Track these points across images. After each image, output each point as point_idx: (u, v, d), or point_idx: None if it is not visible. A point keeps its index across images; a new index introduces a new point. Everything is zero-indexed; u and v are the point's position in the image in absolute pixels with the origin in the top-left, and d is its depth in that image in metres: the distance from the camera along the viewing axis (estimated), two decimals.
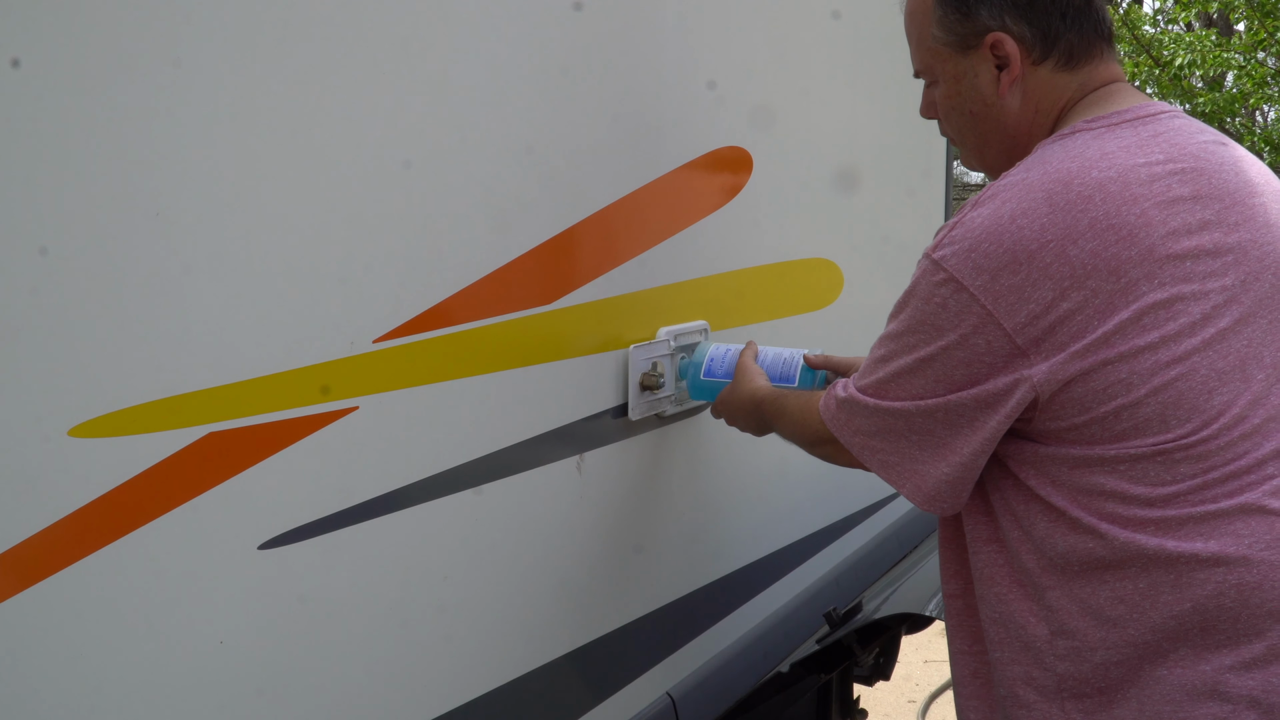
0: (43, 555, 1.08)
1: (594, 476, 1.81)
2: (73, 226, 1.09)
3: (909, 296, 1.43)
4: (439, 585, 1.54)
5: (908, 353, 1.42)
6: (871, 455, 1.49)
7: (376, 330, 1.40)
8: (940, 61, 1.53)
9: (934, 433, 1.42)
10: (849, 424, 1.50)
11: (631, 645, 1.93)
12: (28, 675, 1.10)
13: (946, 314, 1.37)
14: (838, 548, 2.68)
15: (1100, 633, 1.37)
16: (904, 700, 4.51)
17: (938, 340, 1.39)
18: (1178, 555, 1.33)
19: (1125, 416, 1.34)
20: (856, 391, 1.49)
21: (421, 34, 1.44)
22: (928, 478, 1.44)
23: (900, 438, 1.45)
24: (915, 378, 1.42)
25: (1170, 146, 1.41)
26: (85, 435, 1.10)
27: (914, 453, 1.45)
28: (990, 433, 1.39)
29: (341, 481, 1.37)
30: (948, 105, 1.55)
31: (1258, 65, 11.89)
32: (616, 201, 1.80)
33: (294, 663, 1.35)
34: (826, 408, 1.54)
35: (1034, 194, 1.35)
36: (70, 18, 1.06)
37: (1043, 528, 1.40)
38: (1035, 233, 1.33)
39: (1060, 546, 1.39)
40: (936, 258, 1.38)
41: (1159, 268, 1.33)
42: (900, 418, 1.44)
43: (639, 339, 1.88)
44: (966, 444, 1.41)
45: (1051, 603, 1.40)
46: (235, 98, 1.22)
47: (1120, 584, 1.36)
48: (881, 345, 1.48)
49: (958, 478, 1.43)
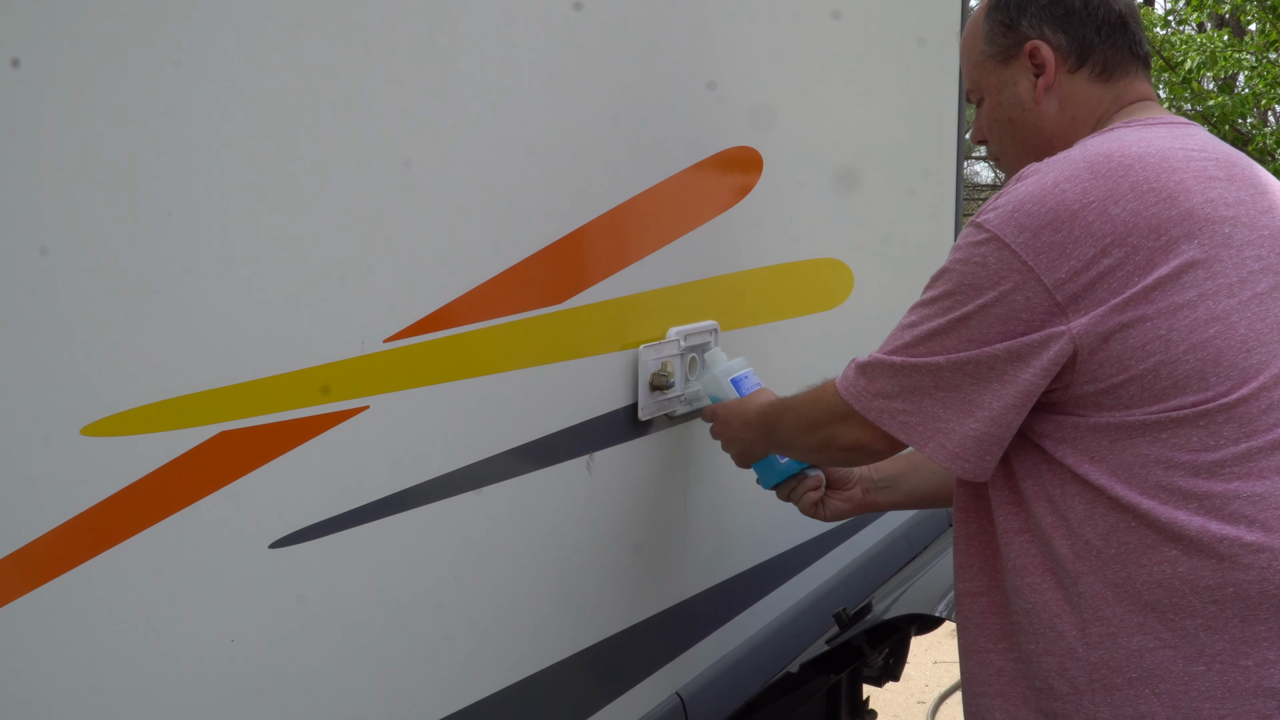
0: (55, 553, 1.09)
1: (604, 476, 1.81)
2: (83, 226, 1.09)
3: (948, 263, 1.45)
4: (448, 585, 1.54)
5: (942, 315, 1.43)
6: (891, 418, 1.47)
7: (387, 330, 1.40)
8: (986, 74, 1.63)
9: (961, 388, 1.42)
10: (868, 389, 1.49)
11: (640, 645, 1.93)
12: (40, 672, 1.10)
13: (986, 272, 1.39)
14: (847, 548, 2.68)
15: (1135, 618, 1.36)
16: (913, 701, 4.50)
17: (975, 299, 1.40)
18: (1221, 538, 1.33)
19: (1164, 374, 1.34)
20: (882, 355, 1.49)
21: (446, 30, 1.44)
22: (952, 435, 1.43)
23: (924, 395, 1.44)
24: (946, 337, 1.42)
25: (1204, 142, 1.48)
26: (97, 434, 1.11)
27: (938, 410, 1.43)
28: (1023, 389, 1.39)
29: (352, 481, 1.38)
30: (990, 117, 1.64)
31: (1269, 65, 11.84)
32: (627, 201, 1.80)
33: (304, 662, 1.35)
34: (844, 378, 1.54)
35: (1076, 165, 1.40)
36: (70, 18, 1.06)
37: (1080, 510, 1.39)
38: (1078, 194, 1.37)
39: (1100, 528, 1.38)
40: (980, 221, 1.41)
41: (1199, 228, 1.37)
42: (927, 373, 1.43)
43: (649, 339, 1.88)
44: (996, 399, 1.40)
45: (1084, 589, 1.39)
46: (240, 98, 1.22)
47: (1160, 567, 1.35)
48: (911, 313, 1.48)
49: (985, 434, 1.42)
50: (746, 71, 2.15)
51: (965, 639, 1.58)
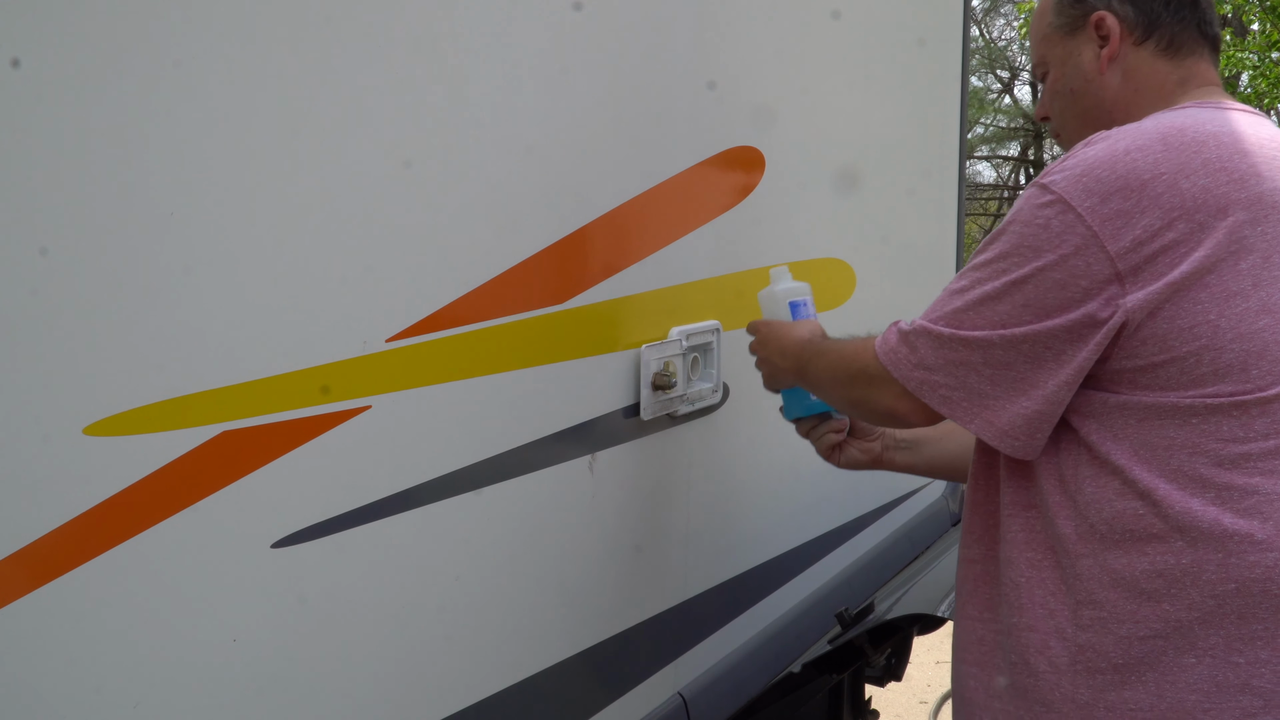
0: (58, 552, 1.09)
1: (606, 476, 1.81)
2: (85, 227, 1.09)
3: (1007, 224, 1.40)
4: (450, 584, 1.54)
5: (996, 278, 1.38)
6: (932, 391, 1.43)
7: (389, 330, 1.40)
8: (1051, 47, 1.61)
9: (1012, 366, 1.38)
10: (909, 358, 1.45)
11: (643, 645, 1.93)
12: (42, 671, 1.10)
13: (1048, 234, 1.35)
14: (850, 548, 2.68)
15: (1130, 606, 1.35)
16: (915, 701, 4.50)
17: (1034, 261, 1.36)
18: (1232, 532, 1.31)
19: (1207, 360, 1.33)
20: (927, 323, 1.44)
21: (447, 31, 1.44)
22: (1002, 413, 1.40)
23: (970, 371, 1.40)
24: (1000, 303, 1.38)
25: (1276, 132, 1.46)
26: (100, 434, 1.11)
27: (984, 387, 1.40)
28: (1077, 367, 1.36)
29: (354, 480, 1.38)
30: (1053, 89, 1.61)
31: (1272, 65, 11.84)
32: (629, 201, 1.80)
33: (306, 661, 1.35)
34: (884, 343, 1.48)
35: (1148, 135, 1.38)
36: (70, 18, 1.06)
37: (1089, 492, 1.38)
38: (1149, 165, 1.34)
39: (1106, 512, 1.36)
40: (1046, 182, 1.37)
41: (1265, 215, 1.35)
42: (977, 349, 1.39)
43: (651, 339, 1.88)
44: (1051, 377, 1.37)
45: (1081, 571, 1.38)
46: (240, 98, 1.22)
47: (1163, 557, 1.34)
48: (962, 277, 1.43)
49: (1039, 412, 1.39)
50: (748, 72, 2.15)
51: (958, 604, 1.58)
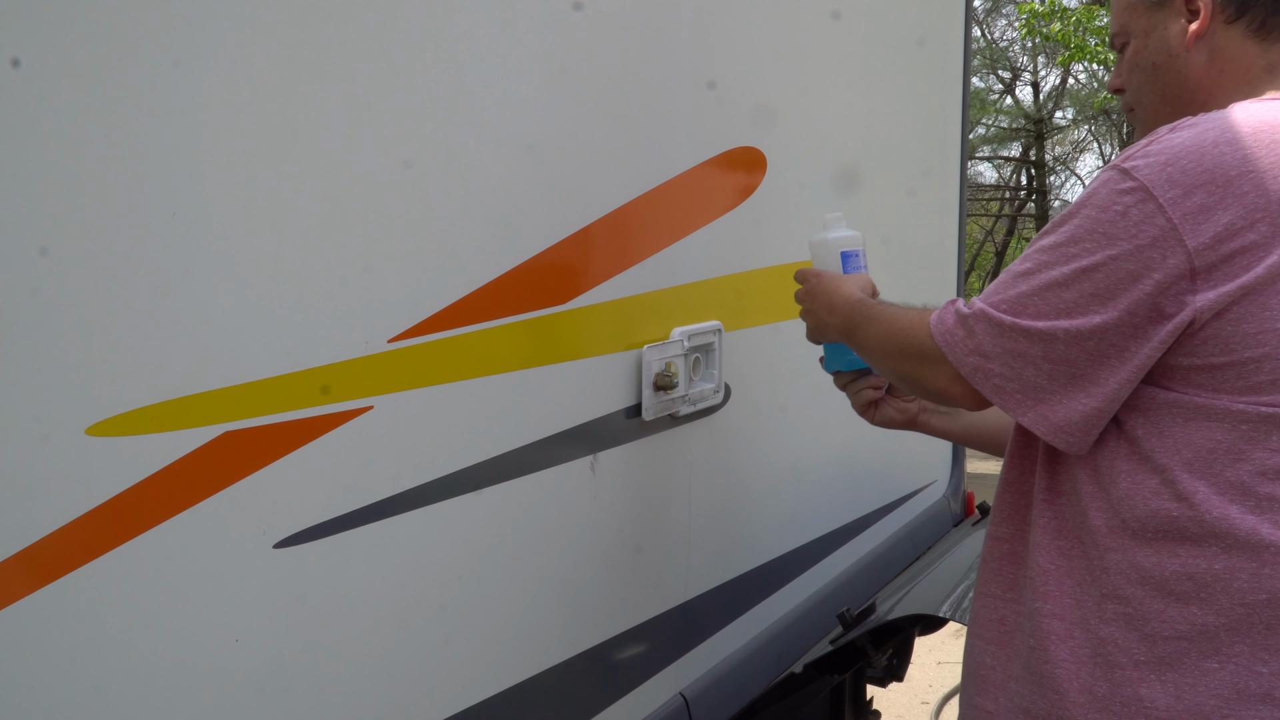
0: (60, 553, 1.09)
1: (607, 476, 1.81)
2: (87, 227, 1.09)
3: (1079, 206, 1.35)
4: (452, 584, 1.54)
5: (1065, 263, 1.33)
6: (986, 379, 1.39)
7: (391, 330, 1.40)
8: (1135, 16, 1.53)
9: (1073, 363, 1.34)
10: (966, 342, 1.40)
11: (644, 645, 1.93)
12: (44, 671, 1.10)
13: (1125, 222, 1.30)
14: (852, 548, 2.68)
15: (1157, 605, 1.33)
16: (917, 701, 4.50)
17: (1107, 249, 1.31)
18: (1269, 543, 1.29)
19: (1268, 368, 1.29)
20: (988, 307, 1.38)
21: (449, 31, 1.45)
22: (1057, 409, 1.36)
23: (1028, 363, 1.36)
24: (1067, 291, 1.33)
25: None
26: (102, 434, 1.11)
27: (1041, 381, 1.36)
28: (1140, 364, 1.32)
29: (356, 481, 1.38)
30: (1133, 62, 1.54)
31: None
32: (630, 202, 1.80)
33: (308, 661, 1.35)
34: (941, 323, 1.43)
35: (1239, 128, 1.33)
36: (70, 18, 1.06)
37: (1124, 487, 1.35)
38: (1237, 160, 1.30)
39: (1140, 509, 1.34)
40: (1127, 167, 1.32)
41: None
42: (1037, 341, 1.35)
43: (653, 339, 1.88)
44: (1112, 376, 1.33)
45: (1109, 565, 1.36)
46: (241, 98, 1.22)
47: (1195, 561, 1.31)
48: (1028, 259, 1.37)
49: (1097, 409, 1.35)
50: (751, 72, 2.15)
51: (980, 580, 1.55)
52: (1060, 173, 19.07)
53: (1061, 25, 10.48)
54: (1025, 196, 18.23)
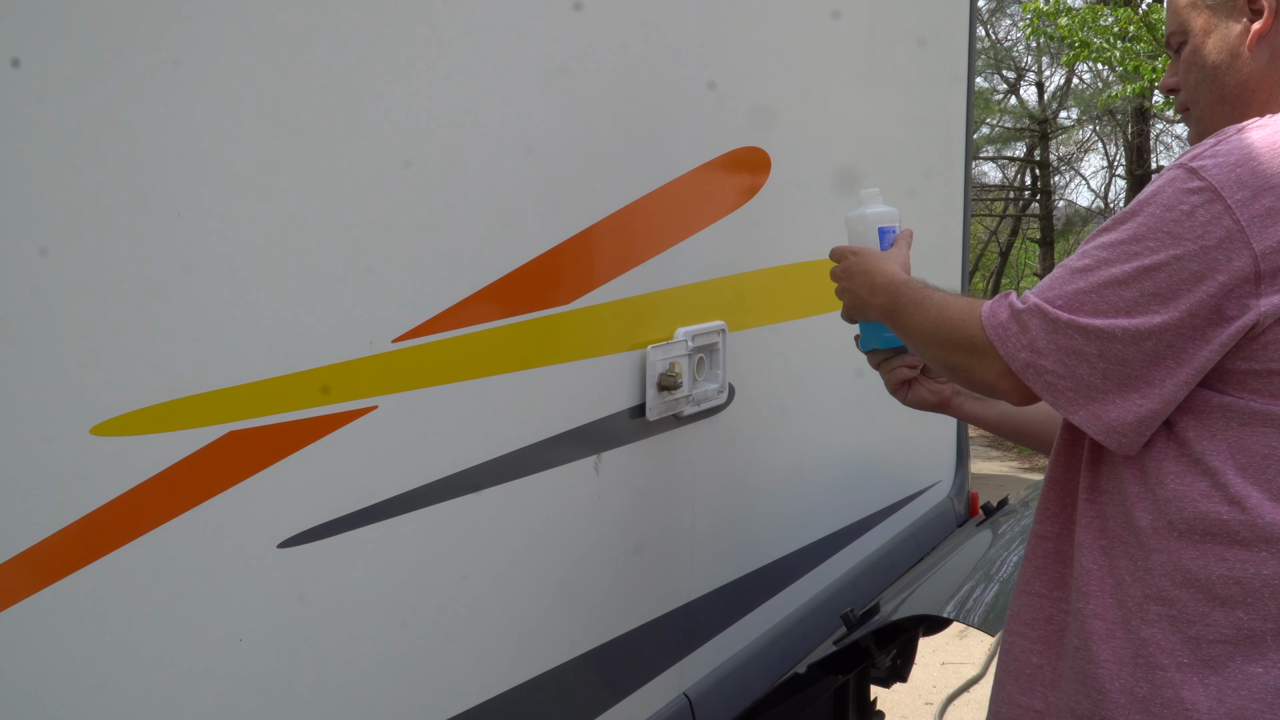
0: (65, 552, 1.09)
1: (611, 476, 1.81)
2: (90, 227, 1.09)
3: (1142, 204, 1.32)
4: (456, 584, 1.54)
5: (1125, 260, 1.30)
6: (1037, 375, 1.35)
7: (395, 330, 1.40)
8: (1194, 15, 1.49)
9: (1129, 363, 1.31)
10: (1019, 337, 1.36)
11: (648, 645, 1.93)
12: (49, 671, 1.10)
13: (1191, 222, 1.27)
14: (856, 549, 2.68)
15: (1202, 608, 1.32)
16: (921, 702, 4.49)
17: (1171, 249, 1.28)
18: None
19: None
20: (1043, 302, 1.35)
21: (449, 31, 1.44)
22: (1111, 408, 1.33)
23: (1083, 362, 1.32)
24: (1126, 289, 1.30)
25: None
26: (107, 434, 1.11)
27: (1095, 380, 1.33)
28: (1198, 366, 1.30)
29: (360, 480, 1.38)
30: (1190, 61, 1.50)
31: None
32: (635, 202, 1.80)
33: (311, 661, 1.35)
34: (993, 316, 1.39)
35: None
36: (70, 18, 1.06)
37: (1173, 487, 1.34)
38: None
39: (1188, 511, 1.32)
40: (1195, 166, 1.29)
41: None
42: (1094, 339, 1.31)
43: (657, 339, 1.88)
44: (1169, 378, 1.30)
45: (1153, 565, 1.34)
46: (242, 99, 1.22)
47: (1243, 565, 1.30)
48: (1086, 255, 1.34)
49: (1152, 411, 1.32)
50: (754, 72, 2.15)
51: (1022, 578, 1.53)
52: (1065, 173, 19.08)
53: (1068, 20, 10.46)
54: (1029, 197, 18.22)
